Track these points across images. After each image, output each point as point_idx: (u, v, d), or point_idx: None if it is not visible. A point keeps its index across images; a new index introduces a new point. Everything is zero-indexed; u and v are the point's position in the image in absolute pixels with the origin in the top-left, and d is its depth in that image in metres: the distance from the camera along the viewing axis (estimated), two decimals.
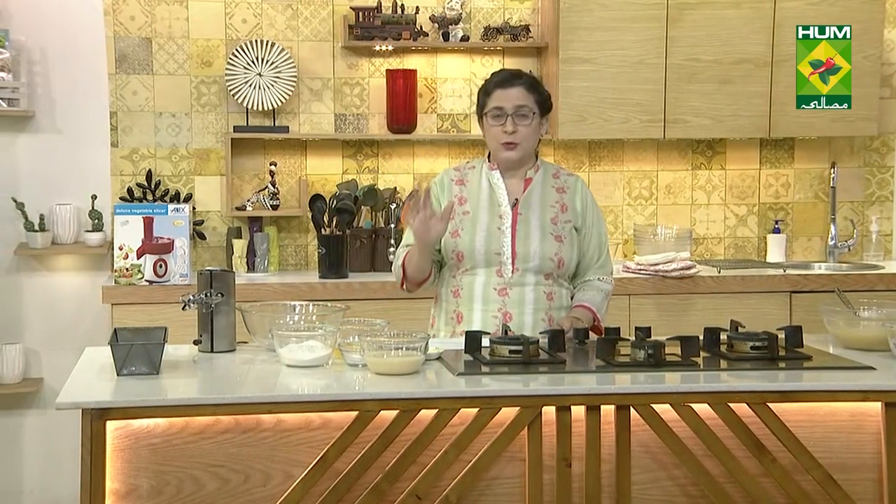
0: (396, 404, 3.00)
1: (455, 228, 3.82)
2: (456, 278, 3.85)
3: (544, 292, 3.81)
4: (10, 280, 5.49)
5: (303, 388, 3.08)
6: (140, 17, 5.53)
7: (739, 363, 3.37)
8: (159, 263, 5.07)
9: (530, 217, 3.83)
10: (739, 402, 3.12)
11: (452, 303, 3.86)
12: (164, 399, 2.93)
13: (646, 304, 5.35)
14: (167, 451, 2.96)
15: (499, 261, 3.79)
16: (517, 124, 3.78)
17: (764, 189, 6.08)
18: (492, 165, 3.90)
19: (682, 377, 3.22)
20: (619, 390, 3.13)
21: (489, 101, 3.83)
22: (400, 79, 5.61)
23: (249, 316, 3.52)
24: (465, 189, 3.90)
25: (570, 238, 3.85)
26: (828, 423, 3.24)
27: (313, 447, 3.01)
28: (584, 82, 5.54)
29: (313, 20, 5.65)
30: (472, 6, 5.75)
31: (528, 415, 3.06)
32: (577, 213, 3.90)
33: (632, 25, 5.54)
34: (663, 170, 5.98)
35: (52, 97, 5.49)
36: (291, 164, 5.68)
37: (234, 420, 2.99)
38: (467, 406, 3.04)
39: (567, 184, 3.94)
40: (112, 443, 2.91)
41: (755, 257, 6.06)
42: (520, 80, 3.84)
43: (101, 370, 3.19)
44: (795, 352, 3.50)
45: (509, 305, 3.78)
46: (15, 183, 5.46)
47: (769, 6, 5.63)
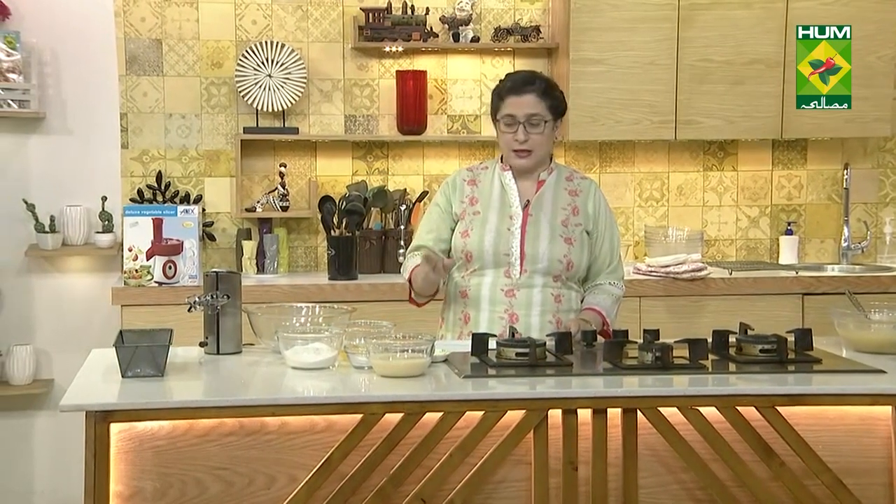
0: (401, 407, 2.99)
1: (465, 228, 3.82)
2: (464, 279, 3.83)
3: (552, 294, 3.79)
4: (20, 281, 5.49)
5: (307, 390, 3.07)
6: (150, 18, 5.53)
7: (748, 366, 3.35)
8: (168, 265, 5.07)
9: (541, 218, 3.81)
10: (747, 405, 3.09)
11: (460, 303, 3.84)
12: (168, 401, 2.93)
13: (657, 306, 5.32)
14: (171, 454, 2.95)
15: (507, 261, 3.77)
16: (529, 133, 3.77)
17: (776, 190, 6.04)
18: (504, 167, 3.89)
19: (689, 380, 3.20)
20: (625, 393, 3.11)
21: (502, 106, 3.81)
22: (410, 80, 5.60)
23: (255, 318, 3.51)
24: (477, 189, 3.88)
25: (580, 241, 3.83)
26: (837, 427, 3.21)
27: (318, 450, 2.99)
28: (595, 83, 5.51)
29: (323, 21, 5.64)
30: (482, 7, 5.74)
31: (534, 418, 3.04)
32: (589, 217, 3.87)
33: (643, 26, 5.51)
34: (675, 171, 5.96)
35: (62, 98, 5.49)
36: (301, 166, 5.67)
37: (238, 423, 2.98)
38: (473, 409, 3.02)
39: (580, 187, 3.92)
40: (116, 445, 2.90)
41: (767, 259, 6.03)
42: (532, 87, 3.80)
43: (107, 372, 3.18)
44: (805, 355, 3.47)
45: (516, 307, 3.76)
46: (26, 184, 5.46)
47: (781, 6, 5.59)
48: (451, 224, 3.88)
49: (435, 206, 3.94)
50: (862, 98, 5.66)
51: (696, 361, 3.34)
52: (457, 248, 3.83)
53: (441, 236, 3.87)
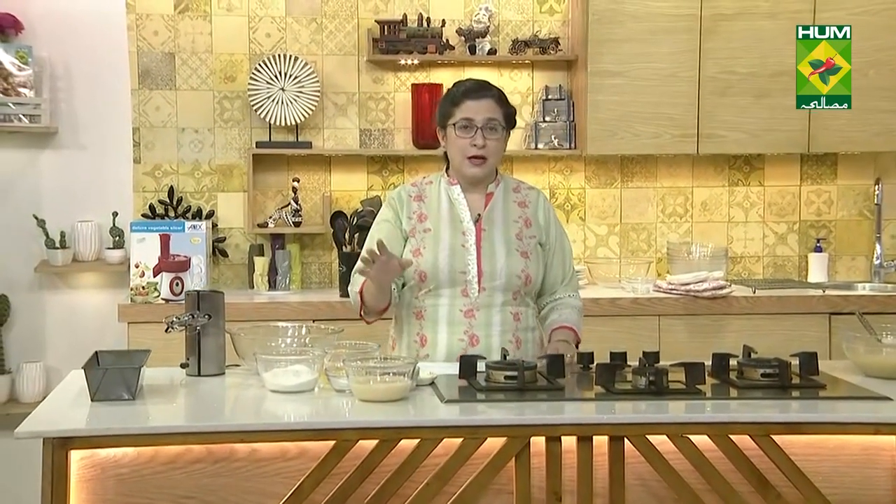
0: (375, 433, 2.87)
1: (416, 246, 3.66)
2: (418, 299, 3.67)
3: (511, 313, 3.65)
4: (31, 298, 5.45)
5: (277, 415, 2.96)
6: (163, 31, 5.47)
7: (747, 391, 3.20)
8: (175, 281, 5.00)
9: (494, 233, 3.68)
10: (741, 433, 2.94)
11: (415, 325, 3.68)
12: (128, 427, 2.80)
13: (676, 325, 5.17)
14: (135, 482, 2.84)
15: (464, 280, 3.62)
16: (487, 138, 3.63)
17: (805, 206, 5.86)
18: (451, 180, 3.74)
19: (681, 406, 3.06)
20: (612, 420, 2.96)
21: (456, 111, 3.65)
22: (426, 93, 5.49)
23: (238, 339, 3.41)
24: (424, 205, 3.73)
25: (535, 254, 3.71)
26: (838, 457, 3.04)
27: (289, 478, 2.87)
28: (614, 96, 5.37)
29: (338, 34, 5.55)
30: (500, 19, 5.62)
31: (516, 445, 2.91)
32: (541, 228, 3.75)
33: (664, 37, 5.37)
34: (699, 186, 5.80)
35: (75, 113, 5.45)
36: (316, 181, 5.58)
37: (207, 449, 2.86)
38: (450, 436, 2.89)
39: (528, 198, 3.79)
40: (77, 473, 2.79)
41: (796, 277, 5.85)
42: (490, 92, 3.68)
43: (79, 395, 3.08)
44: (809, 380, 3.30)
45: (476, 328, 3.62)
46: (38, 199, 5.42)
47: (808, 17, 5.43)
48: (401, 241, 3.70)
49: (384, 223, 3.74)
50: (891, 111, 5.47)
51: (693, 386, 3.19)
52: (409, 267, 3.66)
53: (394, 252, 3.65)
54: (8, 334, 5.42)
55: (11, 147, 5.40)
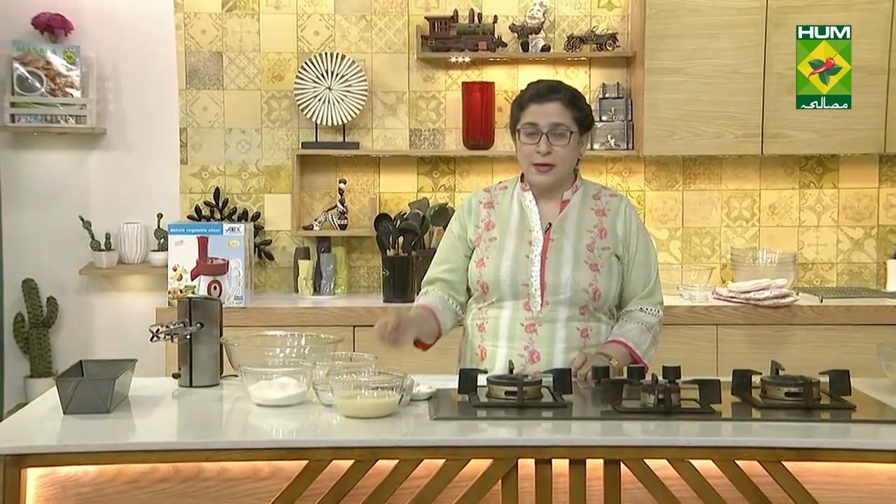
0: (350, 453, 2.69)
1: (480, 256, 3.46)
2: (482, 310, 3.49)
3: (577, 329, 3.41)
4: (79, 300, 5.41)
5: (250, 433, 2.80)
6: (211, 30, 5.37)
7: (768, 412, 2.95)
8: (213, 285, 4.89)
9: (563, 243, 3.43)
10: (749, 458, 2.70)
11: (478, 337, 3.49)
12: (86, 444, 2.65)
13: (735, 335, 4.90)
14: (97, 502, 2.70)
15: (526, 293, 3.41)
16: (552, 144, 3.40)
17: (884, 210, 5.52)
18: (524, 186, 3.53)
19: (689, 427, 2.81)
20: (607, 442, 2.74)
21: (522, 115, 3.45)
22: (477, 92, 5.30)
23: (232, 349, 3.25)
24: (494, 213, 3.53)
25: (608, 266, 3.44)
26: (860, 487, 2.77)
27: (260, 499, 2.71)
28: (673, 94, 5.12)
29: (388, 31, 5.39)
30: (555, 14, 5.40)
31: (502, 467, 2.70)
32: (618, 239, 3.48)
33: (726, 32, 5.10)
34: (766, 188, 5.50)
35: (123, 114, 5.39)
36: (363, 182, 5.43)
37: (174, 468, 2.71)
38: (431, 456, 2.70)
39: (609, 205, 3.52)
40: (34, 492, 2.66)
41: (873, 285, 5.51)
42: (557, 95, 3.44)
43: (54, 408, 2.95)
44: (840, 400, 3.03)
45: (537, 343, 3.39)
46: (85, 201, 5.38)
47: (887, 6, 5.10)
48: (466, 252, 3.52)
49: (448, 234, 3.59)
50: None
51: (707, 406, 2.95)
52: (472, 278, 3.48)
53: (453, 267, 3.52)
54: (56, 337, 5.38)
55: (59, 148, 5.37)
